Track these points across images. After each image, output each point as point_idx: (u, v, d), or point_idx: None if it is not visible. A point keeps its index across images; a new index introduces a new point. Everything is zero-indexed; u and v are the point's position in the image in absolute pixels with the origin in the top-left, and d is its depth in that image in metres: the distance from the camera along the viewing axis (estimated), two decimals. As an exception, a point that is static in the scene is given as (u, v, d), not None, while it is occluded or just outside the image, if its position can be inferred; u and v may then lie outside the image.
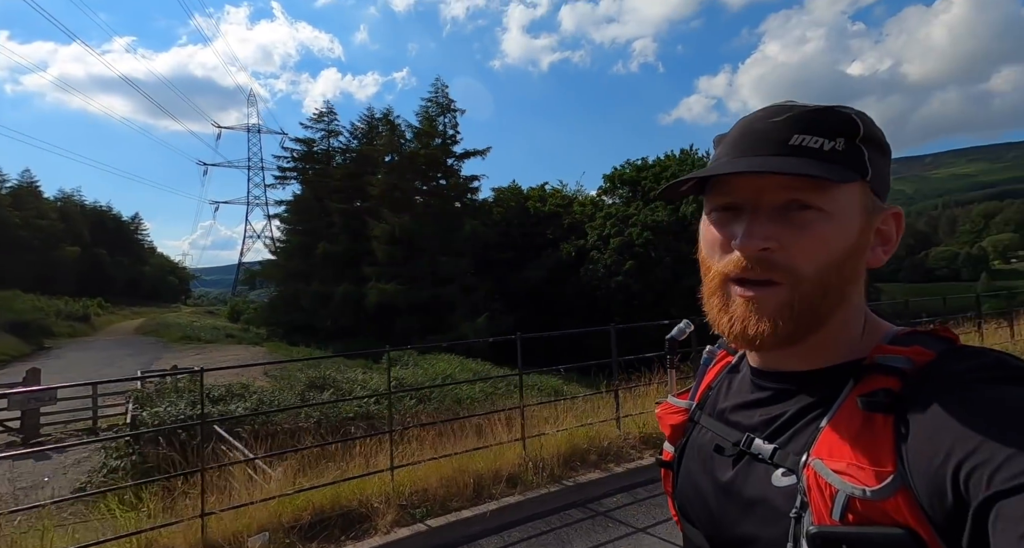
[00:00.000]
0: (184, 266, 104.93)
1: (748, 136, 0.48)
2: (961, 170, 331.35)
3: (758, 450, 0.49)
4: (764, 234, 0.46)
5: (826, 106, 0.47)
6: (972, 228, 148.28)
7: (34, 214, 47.53)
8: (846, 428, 0.42)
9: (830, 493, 0.40)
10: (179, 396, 8.65)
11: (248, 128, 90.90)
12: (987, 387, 0.38)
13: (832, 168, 0.45)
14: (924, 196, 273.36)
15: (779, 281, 0.46)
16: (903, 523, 0.37)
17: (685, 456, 0.59)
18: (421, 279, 27.83)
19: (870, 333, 0.50)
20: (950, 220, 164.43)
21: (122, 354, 20.78)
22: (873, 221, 0.48)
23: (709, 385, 0.63)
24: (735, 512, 0.49)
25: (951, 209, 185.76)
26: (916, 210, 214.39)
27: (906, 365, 0.43)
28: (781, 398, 0.51)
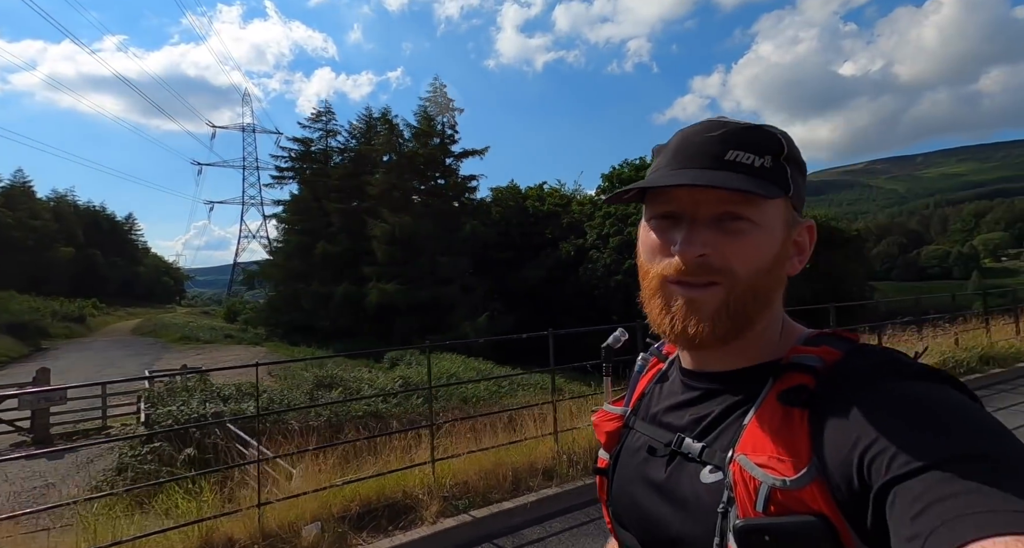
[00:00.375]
0: (178, 266, 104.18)
1: (686, 149, 0.51)
2: (952, 170, 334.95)
3: (688, 449, 0.51)
4: (701, 241, 0.49)
5: (756, 125, 0.51)
6: (963, 227, 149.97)
7: (27, 214, 47.07)
8: (767, 423, 0.45)
9: (754, 486, 0.42)
10: (190, 395, 8.66)
11: (243, 127, 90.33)
12: (886, 382, 0.42)
13: (761, 183, 0.48)
14: (916, 195, 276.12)
15: (718, 282, 0.49)
16: (817, 510, 0.39)
17: (620, 462, 0.60)
18: (421, 279, 27.84)
19: (786, 335, 0.54)
20: (941, 219, 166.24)
21: (122, 355, 20.65)
22: (792, 233, 0.52)
23: (643, 391, 0.65)
24: (667, 512, 0.51)
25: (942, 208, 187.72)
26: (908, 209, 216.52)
27: (818, 363, 0.47)
28: (709, 398, 0.54)
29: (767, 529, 0.40)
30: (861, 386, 0.42)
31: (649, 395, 0.63)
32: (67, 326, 29.10)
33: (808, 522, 0.39)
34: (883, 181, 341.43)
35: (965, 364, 6.28)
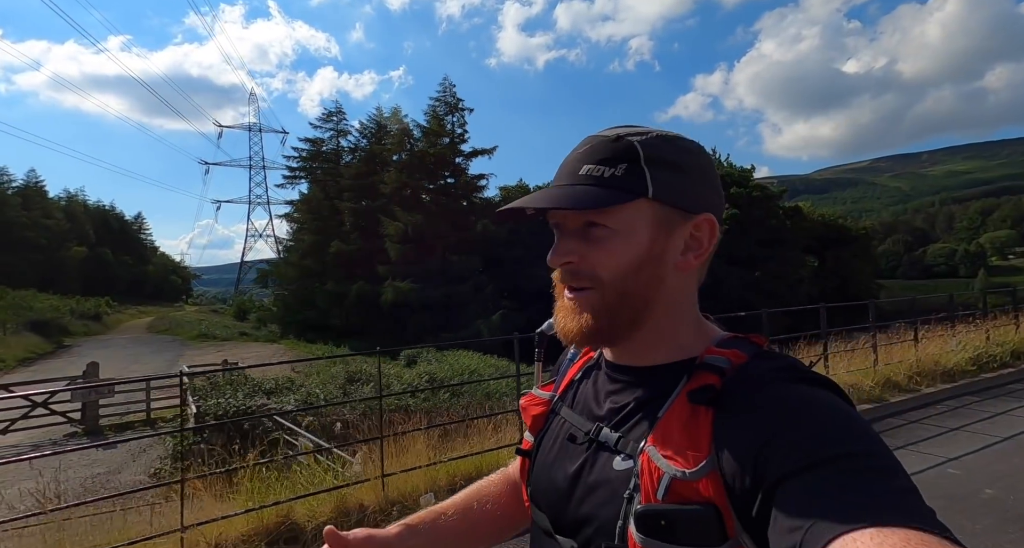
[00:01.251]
0: (185, 265, 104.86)
1: (562, 167, 0.56)
2: (957, 167, 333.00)
3: (605, 438, 0.54)
4: (565, 250, 0.55)
5: (619, 135, 0.54)
6: (969, 225, 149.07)
7: (41, 214, 47.67)
8: (677, 419, 0.48)
9: (658, 475, 0.46)
10: (235, 389, 9.05)
11: (249, 127, 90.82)
12: (779, 386, 0.46)
13: (603, 193, 0.51)
14: (920, 193, 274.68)
15: (590, 286, 0.54)
16: (710, 499, 0.43)
17: (542, 445, 0.63)
18: (433, 277, 28.20)
19: (701, 336, 0.57)
20: (947, 217, 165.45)
21: (144, 351, 21.10)
22: (675, 230, 0.54)
23: (572, 379, 0.67)
24: (580, 495, 0.54)
25: (948, 206, 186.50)
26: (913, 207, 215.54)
27: (726, 365, 0.50)
28: (627, 390, 0.57)
29: (664, 514, 0.44)
30: (759, 388, 0.46)
31: (577, 384, 0.66)
32: (85, 324, 29.64)
33: (700, 510, 0.43)
34: (887, 179, 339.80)
35: (998, 359, 6.39)
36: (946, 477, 3.61)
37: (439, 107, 35.51)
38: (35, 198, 49.54)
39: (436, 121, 34.65)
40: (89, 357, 19.98)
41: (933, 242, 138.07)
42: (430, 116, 35.15)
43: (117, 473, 7.27)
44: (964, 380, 5.82)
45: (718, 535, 0.42)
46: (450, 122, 35.27)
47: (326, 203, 32.94)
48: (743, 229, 28.19)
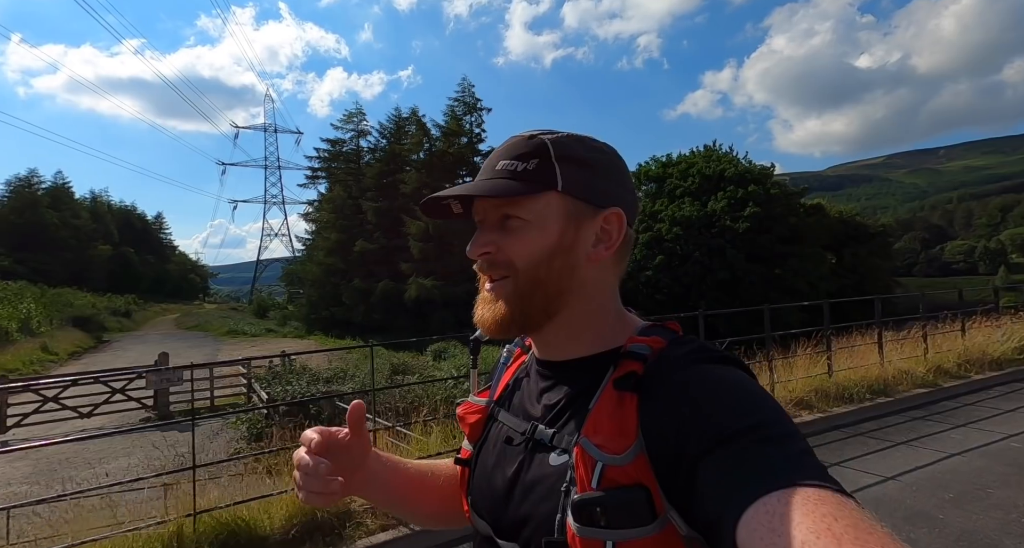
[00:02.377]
0: (202, 264, 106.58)
1: (484, 164, 0.59)
2: (975, 162, 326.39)
3: (541, 436, 0.55)
4: (484, 241, 0.56)
5: (532, 135, 0.57)
6: (989, 221, 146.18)
7: (70, 215, 48.96)
8: (606, 408, 0.50)
9: (591, 465, 0.47)
10: (297, 377, 9.58)
11: (265, 128, 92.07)
12: (691, 368, 0.49)
13: (514, 185, 0.54)
14: (938, 189, 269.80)
15: (506, 275, 0.55)
16: (639, 481, 0.45)
17: (482, 453, 0.63)
18: (455, 275, 28.70)
19: (623, 326, 0.58)
20: (965, 213, 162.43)
21: (181, 346, 21.80)
22: (584, 223, 0.56)
23: (507, 383, 0.67)
24: (519, 496, 0.54)
25: (966, 202, 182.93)
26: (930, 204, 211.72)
27: (647, 352, 0.52)
28: (558, 386, 0.58)
29: (598, 501, 0.45)
30: (675, 371, 0.49)
31: (512, 387, 0.66)
32: (118, 320, 30.57)
33: (631, 492, 0.45)
34: (903, 175, 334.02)
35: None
36: (1010, 449, 3.94)
37: (458, 107, 35.97)
38: (63, 199, 50.88)
39: (455, 121, 35.13)
40: (130, 351, 20.75)
41: (951, 239, 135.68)
42: (448, 116, 35.64)
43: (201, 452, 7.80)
44: (1011, 368, 6.10)
45: (649, 514, 0.45)
46: (468, 122, 35.72)
47: (349, 202, 33.58)
48: (764, 227, 28.24)
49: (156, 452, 7.69)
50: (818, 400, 4.91)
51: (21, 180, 48.92)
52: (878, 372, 5.39)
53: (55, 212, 46.05)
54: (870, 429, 4.57)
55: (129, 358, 18.48)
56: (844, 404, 4.95)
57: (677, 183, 30.66)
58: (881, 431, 4.50)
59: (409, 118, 37.88)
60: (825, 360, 5.45)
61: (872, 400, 5.04)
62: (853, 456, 3.97)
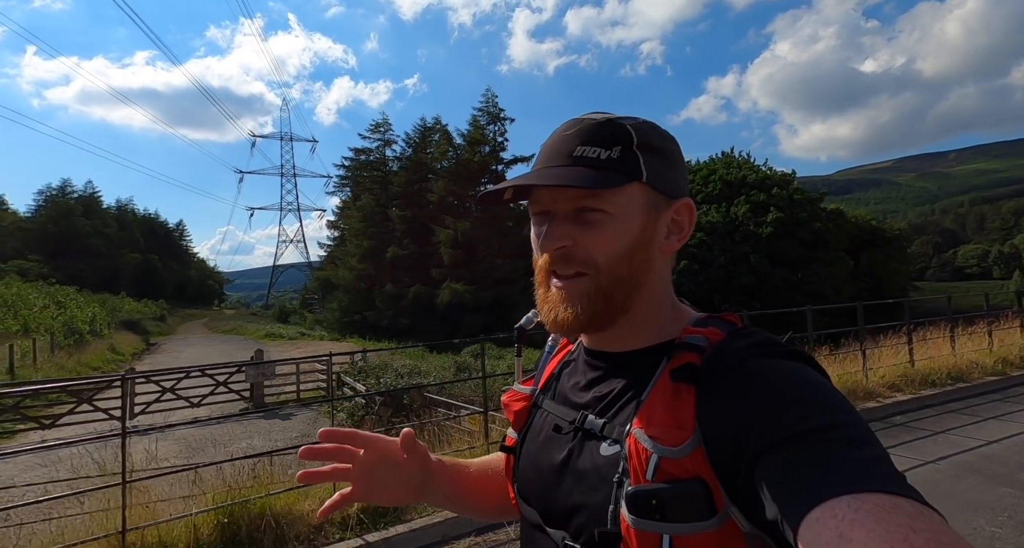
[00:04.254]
0: (219, 271, 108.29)
1: (548, 148, 0.56)
2: (986, 166, 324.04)
3: (591, 425, 0.54)
4: (559, 234, 0.53)
5: (609, 119, 0.54)
6: (1002, 225, 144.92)
7: (101, 224, 50.45)
8: (661, 399, 0.49)
9: (645, 456, 0.46)
10: (382, 371, 10.38)
11: (280, 136, 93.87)
12: (757, 361, 0.47)
13: (602, 175, 0.51)
14: (949, 193, 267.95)
15: (584, 272, 0.53)
16: (697, 475, 0.44)
17: (527, 440, 0.63)
18: (483, 280, 29.50)
19: (678, 318, 0.58)
20: (978, 217, 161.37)
21: (230, 348, 22.70)
22: (660, 215, 0.55)
23: (552, 372, 0.67)
24: (568, 485, 0.54)
25: (979, 206, 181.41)
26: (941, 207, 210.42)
27: (704, 343, 0.51)
28: (609, 377, 0.57)
29: (654, 493, 0.45)
30: (738, 363, 0.47)
31: (558, 375, 0.66)
32: (156, 324, 31.60)
33: (689, 486, 0.44)
34: (912, 179, 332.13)
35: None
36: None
37: (481, 117, 36.96)
38: (94, 208, 52.42)
39: (477, 130, 36.12)
40: (184, 352, 21.67)
41: (964, 243, 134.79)
42: (472, 125, 36.64)
43: (306, 437, 8.57)
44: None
45: (707, 508, 0.44)
46: (491, 131, 36.69)
47: (377, 210, 34.56)
48: (787, 232, 28.81)
49: (274, 435, 8.49)
50: (905, 384, 5.64)
51: (55, 190, 50.56)
52: (953, 362, 6.10)
53: (87, 221, 47.49)
54: (958, 407, 5.32)
55: (185, 358, 19.38)
56: (930, 387, 5.71)
57: (699, 189, 31.33)
58: (969, 409, 5.24)
59: (433, 127, 38.94)
60: (907, 351, 6.14)
61: (953, 385, 5.80)
62: (953, 426, 4.70)
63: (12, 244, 40.76)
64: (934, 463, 3.92)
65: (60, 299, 22.03)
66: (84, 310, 20.22)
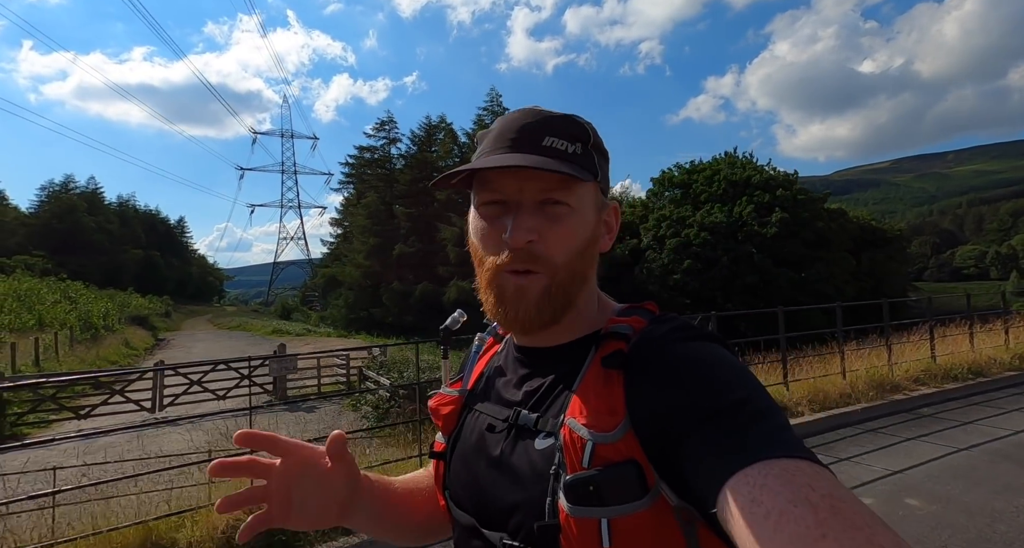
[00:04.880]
0: (219, 268, 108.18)
1: (507, 134, 0.54)
2: (984, 167, 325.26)
3: (524, 421, 0.54)
4: (528, 227, 0.52)
5: (566, 114, 0.55)
6: (1000, 226, 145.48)
7: (104, 220, 50.42)
8: (591, 388, 0.50)
9: (580, 444, 0.47)
10: (405, 366, 10.58)
11: (282, 133, 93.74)
12: (676, 345, 0.49)
13: (575, 168, 0.52)
14: (947, 194, 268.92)
15: (538, 270, 0.53)
16: (631, 457, 0.46)
17: (459, 444, 0.61)
18: (489, 277, 29.73)
19: (603, 309, 0.59)
20: (976, 218, 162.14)
21: (240, 344, 22.84)
22: (602, 215, 0.58)
23: (481, 372, 0.66)
24: (504, 484, 0.53)
25: (977, 207, 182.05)
26: (939, 208, 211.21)
27: (629, 331, 0.53)
28: (540, 372, 0.57)
29: (591, 479, 0.45)
30: (660, 348, 0.49)
31: (487, 375, 0.65)
32: (163, 320, 31.69)
33: (623, 468, 0.45)
34: (910, 179, 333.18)
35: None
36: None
37: (486, 116, 37.16)
38: (96, 204, 52.38)
39: (483, 129, 36.18)
40: (195, 347, 21.81)
41: (962, 244, 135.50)
42: (477, 124, 36.81)
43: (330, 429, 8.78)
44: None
45: (640, 488, 0.45)
46: (497, 129, 36.86)
47: (383, 208, 34.72)
48: (790, 232, 29.04)
49: (300, 427, 8.67)
50: (928, 378, 5.87)
51: (58, 186, 50.49)
52: (972, 357, 6.32)
53: (91, 217, 47.47)
54: (981, 400, 5.55)
55: (197, 354, 19.51)
56: (952, 381, 5.97)
57: (702, 189, 31.51)
58: (992, 402, 5.48)
59: (438, 125, 39.09)
60: (928, 347, 6.36)
61: (974, 379, 6.04)
62: (979, 418, 4.94)
63: (16, 240, 40.79)
64: (967, 450, 4.12)
65: (71, 294, 22.14)
66: (96, 305, 20.35)
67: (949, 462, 3.90)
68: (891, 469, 3.78)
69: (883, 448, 4.25)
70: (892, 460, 3.96)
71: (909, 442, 4.36)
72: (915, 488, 3.48)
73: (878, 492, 3.45)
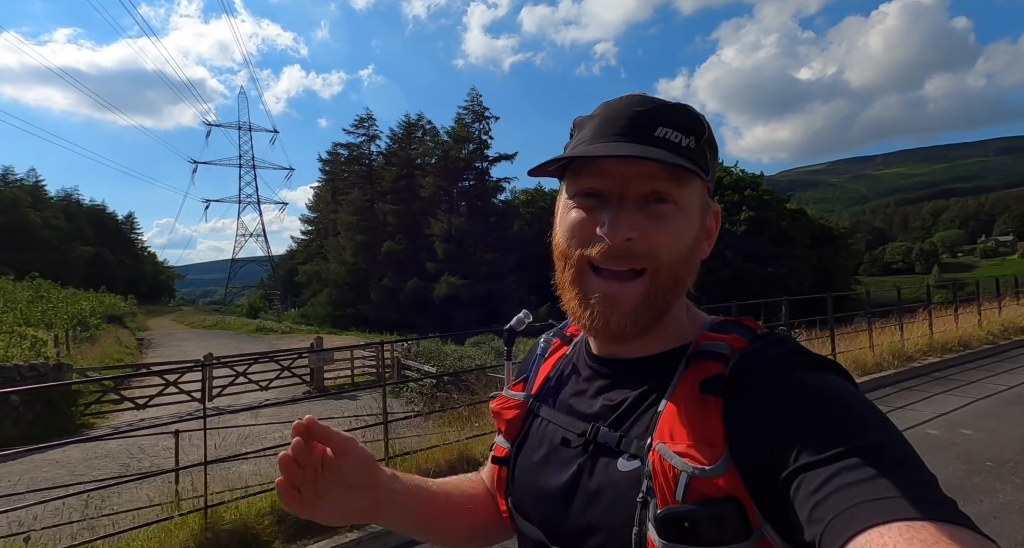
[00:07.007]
0: (170, 266, 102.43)
1: (615, 122, 0.49)
2: (908, 170, 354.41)
3: (604, 438, 0.50)
4: (630, 223, 0.47)
5: (679, 103, 0.50)
6: (922, 225, 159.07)
7: (50, 214, 47.04)
8: (683, 411, 0.45)
9: (673, 475, 0.43)
10: (444, 357, 11.26)
11: (239, 125, 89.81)
12: (790, 372, 0.43)
13: (690, 163, 0.47)
14: (877, 194, 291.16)
15: (641, 269, 0.49)
16: (731, 494, 0.41)
17: (524, 450, 0.58)
18: (474, 274, 30.32)
19: (693, 320, 0.55)
20: (902, 217, 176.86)
21: (233, 342, 22.42)
22: (706, 217, 0.52)
23: (547, 376, 0.62)
24: (580, 502, 0.50)
25: (903, 207, 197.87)
26: (871, 208, 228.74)
27: (728, 351, 0.47)
28: (621, 385, 0.53)
29: (687, 516, 0.41)
30: (768, 375, 0.44)
31: (554, 380, 0.61)
32: (132, 319, 30.27)
33: (723, 506, 0.41)
34: (845, 181, 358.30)
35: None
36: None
37: (466, 115, 37.61)
38: (41, 198, 48.76)
39: (463, 128, 36.76)
40: (181, 347, 21.23)
41: (891, 241, 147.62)
42: (457, 123, 37.23)
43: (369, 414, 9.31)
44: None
45: (743, 529, 0.41)
46: (476, 129, 37.43)
47: (366, 205, 34.53)
48: (758, 230, 31.35)
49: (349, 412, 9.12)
50: (930, 350, 7.32)
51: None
52: (958, 334, 7.82)
53: (36, 211, 44.21)
54: (974, 366, 6.92)
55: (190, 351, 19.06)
56: (948, 353, 7.34)
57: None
58: (984, 367, 6.84)
59: (417, 123, 39.16)
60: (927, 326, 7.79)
61: (963, 351, 7.50)
62: (980, 377, 6.29)
63: (-48, 236, 37.58)
64: (984, 399, 5.39)
65: (42, 293, 21.02)
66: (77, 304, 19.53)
67: (976, 407, 5.12)
68: (939, 412, 4.96)
69: (920, 400, 5.45)
70: (935, 407, 5.15)
71: (938, 395, 5.59)
72: (963, 423, 4.66)
73: (939, 425, 4.62)
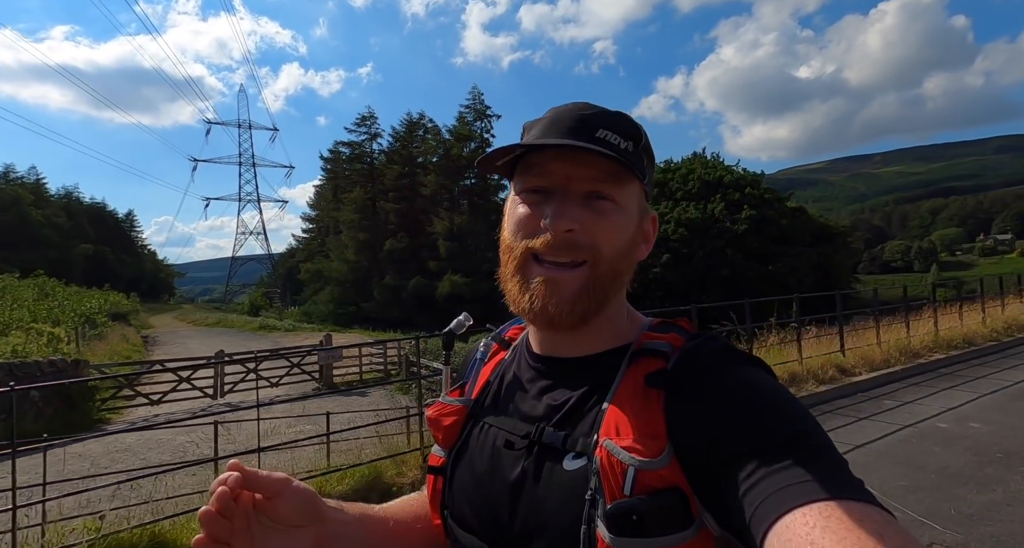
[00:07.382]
0: (168, 263, 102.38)
1: (559, 122, 0.52)
2: (907, 168, 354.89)
3: (549, 439, 0.50)
4: (572, 216, 0.49)
5: (619, 111, 0.53)
6: (921, 223, 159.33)
7: (51, 212, 47.04)
8: (628, 406, 0.47)
9: (621, 469, 0.44)
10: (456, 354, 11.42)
11: (239, 123, 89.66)
12: (725, 368, 0.47)
13: (627, 163, 0.49)
14: (876, 193, 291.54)
15: (582, 260, 0.50)
16: (675, 484, 0.43)
17: (464, 459, 0.57)
18: (477, 272, 30.42)
19: (632, 321, 0.57)
20: (901, 216, 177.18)
21: (237, 340, 22.54)
22: (644, 221, 0.55)
23: (487, 380, 0.62)
24: (525, 505, 0.50)
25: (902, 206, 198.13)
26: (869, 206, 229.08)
27: (668, 349, 0.50)
28: (564, 384, 0.54)
29: (635, 509, 0.43)
30: (707, 370, 0.47)
31: (494, 384, 0.61)
32: (135, 317, 30.34)
33: (668, 497, 0.43)
34: (844, 179, 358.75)
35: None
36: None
37: (468, 114, 37.70)
38: (42, 196, 48.75)
39: (464, 126, 36.85)
40: (187, 344, 21.34)
41: (890, 239, 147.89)
42: (459, 121, 37.32)
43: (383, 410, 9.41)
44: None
45: (685, 518, 0.43)
46: (478, 128, 37.51)
47: (368, 203, 34.58)
48: (759, 228, 31.44)
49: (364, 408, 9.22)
50: (936, 347, 7.40)
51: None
52: (963, 331, 7.93)
53: (37, 210, 44.20)
54: (979, 362, 7.05)
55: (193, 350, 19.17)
56: (953, 350, 7.50)
57: (679, 186, 33.49)
58: (988, 364, 6.99)
59: (418, 122, 39.21)
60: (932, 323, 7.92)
61: (968, 347, 7.62)
62: (986, 373, 6.39)
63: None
64: (991, 394, 5.52)
65: (47, 291, 21.10)
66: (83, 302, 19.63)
67: (983, 402, 5.24)
68: (947, 407, 5.08)
69: (928, 395, 5.57)
70: (944, 402, 5.27)
71: (946, 391, 5.71)
72: (972, 416, 4.79)
73: (948, 419, 4.74)
